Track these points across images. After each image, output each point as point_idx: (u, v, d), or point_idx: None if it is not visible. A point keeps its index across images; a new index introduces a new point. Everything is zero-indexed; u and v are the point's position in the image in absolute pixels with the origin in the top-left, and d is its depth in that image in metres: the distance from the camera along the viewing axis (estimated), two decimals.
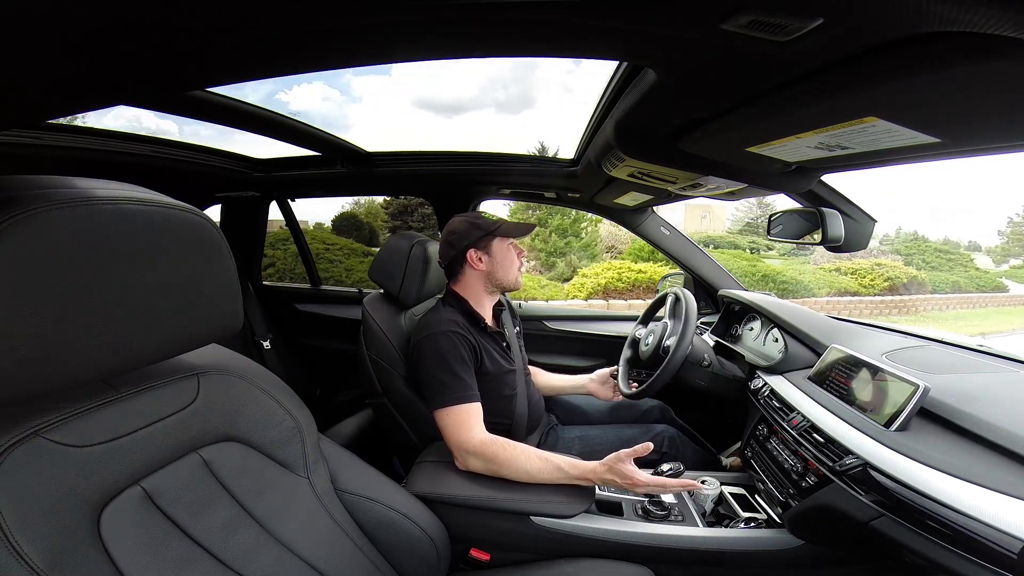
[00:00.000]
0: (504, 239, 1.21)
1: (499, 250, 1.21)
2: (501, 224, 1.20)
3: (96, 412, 0.51)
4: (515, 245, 1.25)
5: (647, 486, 0.92)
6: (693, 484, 0.95)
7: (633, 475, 0.92)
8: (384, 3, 0.39)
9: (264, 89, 21.12)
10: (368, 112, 63.86)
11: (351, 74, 45.71)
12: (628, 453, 0.93)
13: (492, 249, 1.21)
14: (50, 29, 0.35)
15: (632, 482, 0.92)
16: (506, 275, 1.22)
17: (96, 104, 0.55)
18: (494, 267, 1.21)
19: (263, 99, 16.89)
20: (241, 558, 0.58)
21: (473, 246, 1.20)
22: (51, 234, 0.40)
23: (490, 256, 1.21)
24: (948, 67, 0.43)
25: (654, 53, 0.54)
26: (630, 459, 0.93)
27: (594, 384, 1.47)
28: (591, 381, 1.48)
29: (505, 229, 1.21)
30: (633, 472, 0.92)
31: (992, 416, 0.74)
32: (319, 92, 33.73)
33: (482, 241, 1.20)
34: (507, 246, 1.22)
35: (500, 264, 1.21)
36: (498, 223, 1.20)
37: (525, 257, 1.26)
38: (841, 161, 0.80)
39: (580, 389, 1.50)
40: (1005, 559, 0.57)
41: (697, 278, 1.85)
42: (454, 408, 1.02)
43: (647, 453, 0.94)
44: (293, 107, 52.78)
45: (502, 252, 1.21)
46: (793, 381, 1.13)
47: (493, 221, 1.21)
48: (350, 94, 39.40)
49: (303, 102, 34.31)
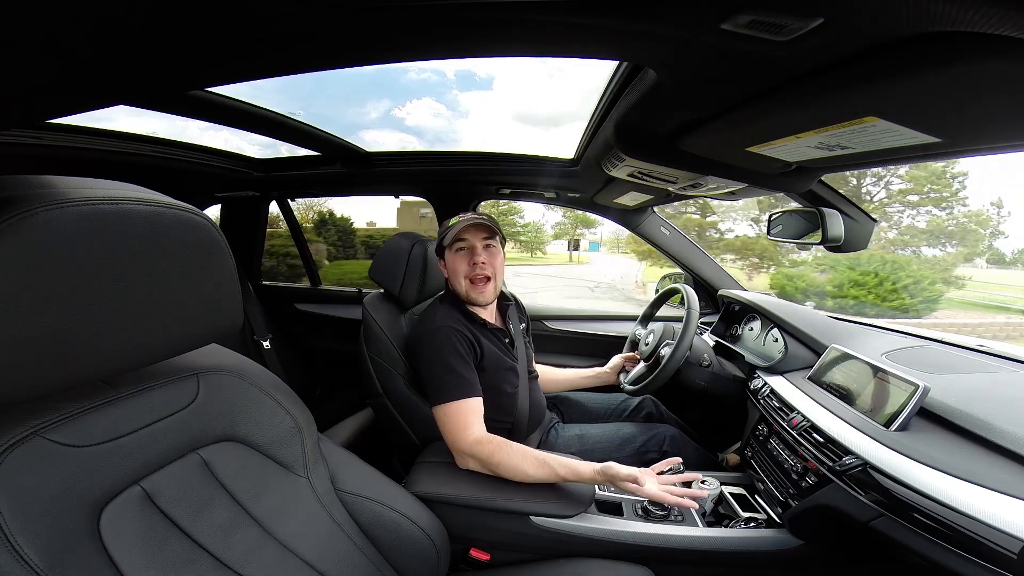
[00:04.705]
0: (451, 247, 1.13)
1: (450, 260, 1.15)
2: (448, 231, 1.12)
3: (96, 412, 0.51)
4: (476, 250, 1.12)
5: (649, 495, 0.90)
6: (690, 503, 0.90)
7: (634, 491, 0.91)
8: (384, 2, 0.39)
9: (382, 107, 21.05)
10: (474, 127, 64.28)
11: (457, 89, 46.47)
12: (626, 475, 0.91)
13: (445, 258, 1.17)
14: (50, 29, 0.35)
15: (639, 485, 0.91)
16: (455, 286, 1.16)
17: (96, 104, 0.55)
18: (449, 277, 1.18)
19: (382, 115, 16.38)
20: (241, 558, 0.58)
21: (438, 252, 1.20)
22: (51, 234, 0.40)
23: (447, 266, 1.17)
24: (948, 67, 0.43)
25: (654, 53, 0.54)
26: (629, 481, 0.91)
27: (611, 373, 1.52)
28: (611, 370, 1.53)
29: (447, 237, 1.12)
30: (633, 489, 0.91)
31: (992, 416, 0.74)
32: (429, 108, 34.52)
33: (439, 249, 1.18)
34: (454, 254, 1.13)
35: (450, 275, 1.16)
36: (447, 230, 1.13)
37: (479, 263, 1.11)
38: (841, 161, 0.80)
39: (596, 380, 1.52)
40: (1005, 559, 0.57)
41: (697, 278, 1.85)
42: (451, 404, 1.01)
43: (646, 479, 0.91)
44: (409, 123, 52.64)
45: (452, 262, 1.14)
46: (793, 381, 1.13)
47: (448, 227, 1.14)
48: (457, 109, 40.43)
49: (417, 118, 35.05)
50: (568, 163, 1.53)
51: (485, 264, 1.12)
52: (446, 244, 1.14)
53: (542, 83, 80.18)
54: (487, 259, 1.13)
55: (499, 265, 1.17)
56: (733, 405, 1.35)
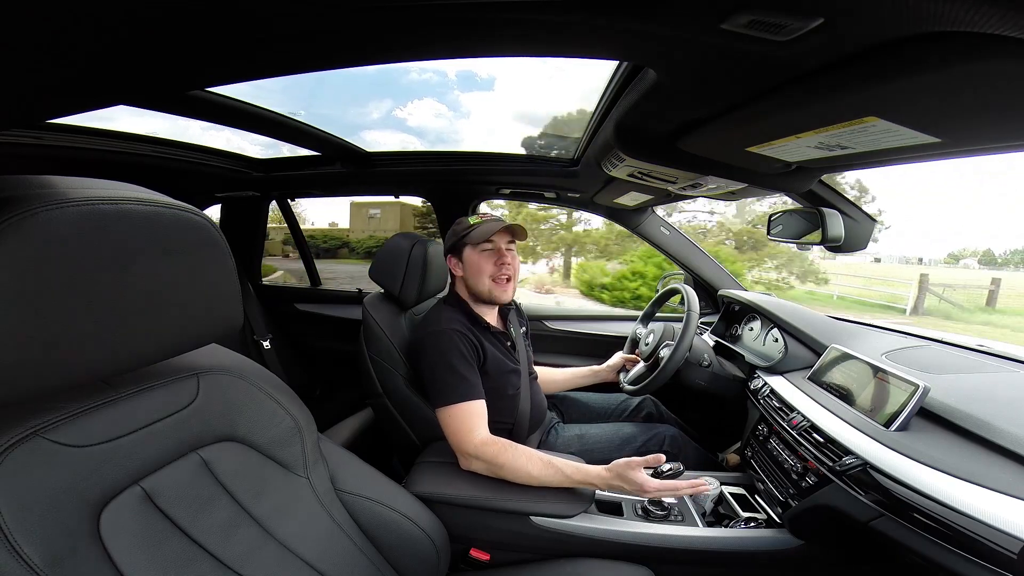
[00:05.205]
0: (476, 246, 1.15)
1: (470, 258, 1.16)
2: (471, 229, 1.14)
3: (96, 412, 0.51)
4: (501, 251, 1.15)
5: (657, 491, 0.91)
6: (702, 486, 0.92)
7: (643, 482, 0.90)
8: (384, 2, 0.39)
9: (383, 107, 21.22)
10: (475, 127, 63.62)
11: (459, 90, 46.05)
12: (639, 462, 0.92)
13: (464, 256, 1.17)
14: (50, 29, 0.35)
15: (641, 488, 0.91)
16: (476, 284, 1.16)
17: (96, 104, 0.55)
18: (467, 275, 1.18)
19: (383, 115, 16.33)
20: (240, 558, 0.58)
21: (451, 251, 1.19)
22: (51, 234, 0.40)
23: (463, 263, 1.18)
24: (948, 67, 0.43)
25: (654, 53, 0.54)
26: (640, 467, 0.92)
27: (608, 371, 1.51)
28: (607, 369, 1.51)
29: (473, 236, 1.13)
30: (643, 479, 0.91)
31: (992, 416, 0.74)
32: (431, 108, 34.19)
33: (456, 246, 1.18)
34: (479, 253, 1.15)
35: (470, 273, 1.17)
36: (468, 228, 1.15)
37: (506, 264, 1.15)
38: (841, 161, 0.80)
39: (594, 377, 1.52)
40: (1005, 559, 0.57)
41: (697, 278, 1.85)
42: (456, 407, 1.01)
43: (658, 465, 0.92)
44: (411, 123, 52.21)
45: (472, 260, 1.15)
46: (793, 381, 1.13)
47: (468, 225, 1.15)
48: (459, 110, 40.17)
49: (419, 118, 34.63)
50: (568, 163, 1.53)
51: (509, 265, 1.16)
52: (471, 242, 1.15)
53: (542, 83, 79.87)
54: (510, 260, 1.17)
55: (518, 266, 1.20)
56: (733, 405, 1.35)
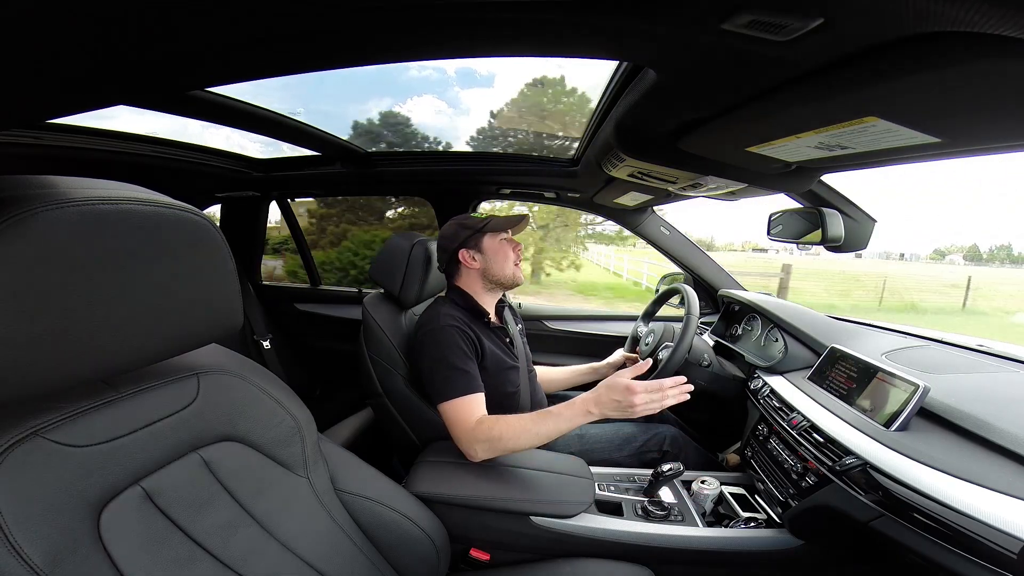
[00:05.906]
0: (495, 234, 1.22)
1: (490, 246, 1.21)
2: (489, 220, 1.20)
3: (96, 412, 0.51)
4: (511, 240, 1.24)
5: (645, 392, 0.90)
6: (685, 386, 0.93)
7: (628, 384, 0.91)
8: (384, 2, 0.39)
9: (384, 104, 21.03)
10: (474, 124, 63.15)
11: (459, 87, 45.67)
12: (627, 372, 0.94)
13: (483, 246, 1.21)
14: (50, 29, 0.34)
15: (627, 390, 0.90)
16: (501, 270, 1.21)
17: (96, 104, 0.55)
18: (488, 263, 1.21)
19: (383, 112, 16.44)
20: (241, 558, 0.58)
21: (463, 246, 1.20)
22: (51, 234, 0.40)
23: (482, 253, 1.21)
24: (948, 67, 0.43)
25: (654, 53, 0.54)
26: (628, 377, 0.92)
27: (609, 368, 1.50)
28: (608, 365, 1.51)
29: (494, 224, 1.20)
30: (627, 381, 0.91)
31: (992, 416, 0.74)
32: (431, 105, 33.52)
33: (471, 240, 1.20)
34: (499, 241, 1.22)
35: (493, 260, 1.21)
36: (487, 219, 1.21)
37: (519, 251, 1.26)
38: (841, 161, 0.80)
39: (594, 374, 1.51)
40: (1005, 559, 0.57)
41: (697, 278, 1.85)
42: (457, 400, 1.02)
43: (644, 370, 0.95)
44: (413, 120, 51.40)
45: (494, 247, 1.21)
46: (793, 381, 1.13)
47: (482, 218, 1.21)
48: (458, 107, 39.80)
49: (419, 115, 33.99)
50: (568, 163, 1.53)
51: (520, 251, 1.28)
52: (491, 230, 1.21)
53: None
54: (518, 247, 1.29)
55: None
56: (733, 405, 1.35)
